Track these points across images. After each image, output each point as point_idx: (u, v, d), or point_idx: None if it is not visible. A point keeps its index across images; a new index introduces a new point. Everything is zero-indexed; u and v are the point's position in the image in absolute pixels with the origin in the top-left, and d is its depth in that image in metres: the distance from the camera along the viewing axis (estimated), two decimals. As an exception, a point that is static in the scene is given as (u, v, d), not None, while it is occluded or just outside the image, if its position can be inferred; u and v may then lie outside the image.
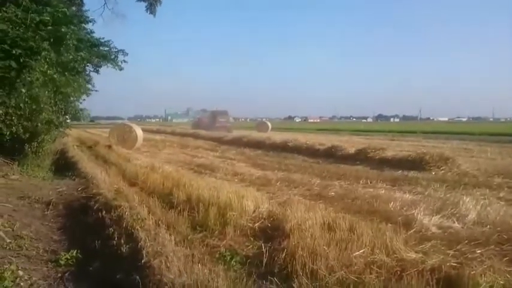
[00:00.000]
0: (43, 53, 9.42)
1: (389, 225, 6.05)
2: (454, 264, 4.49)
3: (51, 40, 10.38)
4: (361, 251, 4.69)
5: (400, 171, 13.01)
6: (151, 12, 19.94)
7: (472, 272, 4.12)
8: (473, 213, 7.01)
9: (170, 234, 5.44)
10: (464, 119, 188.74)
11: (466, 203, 7.56)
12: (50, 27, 10.05)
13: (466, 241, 5.48)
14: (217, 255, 5.05)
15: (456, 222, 6.61)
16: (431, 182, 10.87)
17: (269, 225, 6.08)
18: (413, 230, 6.00)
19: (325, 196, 9.28)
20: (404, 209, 7.47)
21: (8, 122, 10.36)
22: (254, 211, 6.55)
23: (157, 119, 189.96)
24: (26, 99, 10.00)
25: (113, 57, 16.70)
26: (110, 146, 20.46)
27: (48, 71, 10.68)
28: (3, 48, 8.42)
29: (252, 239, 5.70)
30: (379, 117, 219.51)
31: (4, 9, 9.16)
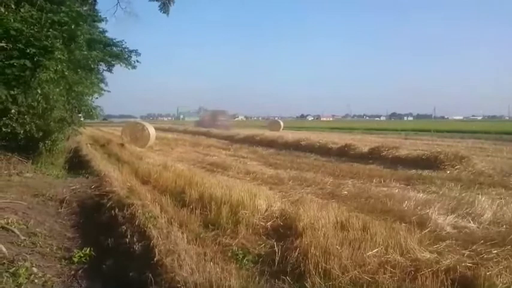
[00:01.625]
0: (56, 52, 9.52)
1: (403, 224, 6.01)
2: (469, 264, 4.45)
3: (65, 39, 10.49)
4: (375, 250, 4.66)
5: (414, 170, 12.91)
6: (164, 12, 20.01)
7: (488, 273, 4.07)
8: (489, 213, 6.94)
9: (182, 233, 5.46)
10: (479, 118, 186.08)
11: (481, 202, 7.48)
12: (64, 27, 10.16)
13: (482, 241, 5.42)
14: (229, 254, 5.05)
15: (471, 222, 6.55)
16: (445, 181, 10.77)
17: (281, 224, 6.07)
18: (428, 229, 5.94)
19: (338, 195, 9.24)
20: (419, 208, 7.42)
21: (21, 121, 10.49)
22: (266, 210, 6.54)
23: (170, 118, 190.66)
24: (39, 98, 10.11)
25: (126, 56, 16.87)
26: (122, 145, 20.61)
27: (60, 67, 10.79)
28: (18, 47, 8.52)
29: (264, 237, 5.69)
30: (393, 116, 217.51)
31: (19, 8, 9.28)
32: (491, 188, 9.95)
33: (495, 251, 4.96)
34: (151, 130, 24.83)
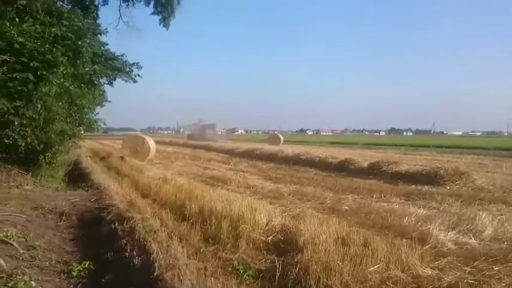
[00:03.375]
0: (61, 68, 9.60)
1: (404, 240, 5.97)
2: (471, 281, 4.42)
3: (70, 54, 10.57)
4: (376, 266, 4.63)
5: (414, 186, 12.90)
6: (164, 26, 20.23)
7: (490, 290, 4.03)
8: (490, 229, 6.91)
9: (183, 247, 5.42)
10: (478, 133, 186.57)
11: (482, 218, 7.45)
12: (67, 41, 10.24)
13: (483, 258, 5.39)
14: (230, 269, 5.02)
15: (473, 238, 6.52)
16: (446, 197, 10.76)
17: (282, 238, 6.04)
18: (429, 245, 5.91)
19: (339, 210, 9.22)
20: (419, 224, 7.40)
21: (22, 133, 10.50)
22: (267, 224, 6.52)
23: (170, 131, 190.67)
24: (40, 111, 10.13)
25: (127, 70, 16.92)
26: (122, 158, 20.60)
27: (65, 83, 10.85)
28: (22, 61, 8.57)
29: (265, 252, 5.66)
30: (392, 131, 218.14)
31: (23, 22, 9.37)
32: (491, 204, 9.93)
33: (497, 268, 4.94)
34: (151, 143, 24.84)
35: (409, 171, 15.32)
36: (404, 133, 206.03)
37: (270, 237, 6.13)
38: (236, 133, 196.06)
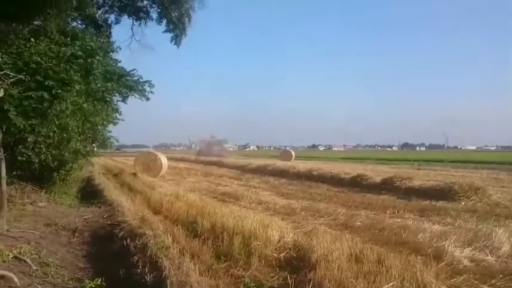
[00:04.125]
0: (76, 86, 9.79)
1: (419, 257, 5.88)
2: (489, 299, 4.31)
3: (83, 72, 10.76)
4: (391, 284, 4.55)
5: (428, 201, 12.77)
6: (175, 44, 20.54)
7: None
8: (507, 246, 6.77)
9: (194, 264, 5.40)
10: (492, 148, 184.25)
11: (499, 234, 7.30)
12: (80, 60, 10.44)
13: (501, 275, 5.30)
14: (242, 286, 4.97)
15: (489, 255, 6.39)
16: (461, 213, 10.61)
17: (294, 255, 5.99)
18: (444, 262, 5.82)
19: (352, 226, 9.14)
20: (434, 240, 7.29)
21: (37, 150, 10.63)
22: (279, 241, 6.47)
23: (182, 147, 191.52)
24: (55, 129, 10.27)
25: (140, 88, 17.09)
26: (135, 174, 20.71)
27: (78, 100, 11.01)
28: (37, 80, 8.71)
29: (277, 269, 5.61)
30: (405, 146, 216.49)
31: (38, 42, 9.57)
32: (508, 219, 9.75)
33: (515, 286, 4.83)
34: (163, 160, 24.97)
35: (423, 186, 15.17)
36: (417, 148, 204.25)
37: (283, 253, 6.09)
38: (248, 149, 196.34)
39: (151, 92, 17.58)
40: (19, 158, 10.20)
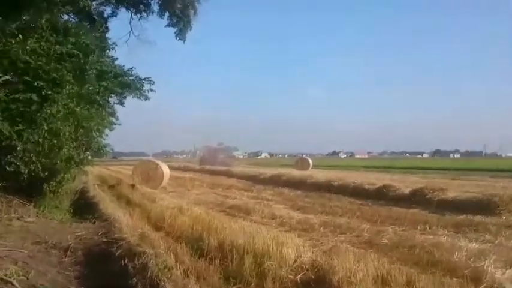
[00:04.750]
0: (67, 87, 9.84)
1: (455, 279, 5.84)
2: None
3: (77, 72, 10.85)
4: (423, 310, 4.51)
5: (463, 216, 12.64)
6: (180, 39, 20.57)
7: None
8: (555, 267, 6.67)
9: (200, 286, 5.40)
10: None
11: (546, 253, 7.21)
12: (73, 59, 10.53)
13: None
14: (253, 312, 4.95)
15: (535, 277, 6.30)
16: (501, 229, 10.51)
17: (313, 277, 5.94)
18: (484, 285, 5.78)
19: (377, 244, 9.09)
20: (471, 260, 7.25)
21: (26, 159, 10.69)
22: (295, 260, 6.43)
23: (185, 155, 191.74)
24: (45, 135, 10.31)
25: (138, 86, 17.06)
26: (133, 185, 20.80)
27: (70, 104, 11.08)
28: (26, 80, 8.80)
29: (293, 293, 5.58)
30: (437, 153, 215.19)
31: (27, 40, 9.68)
32: (556, 236, 9.63)
33: None
34: (165, 169, 25.07)
35: (458, 198, 15.05)
36: (451, 155, 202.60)
37: (299, 275, 6.04)
38: (260, 157, 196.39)
39: (152, 90, 17.53)
40: (7, 168, 10.26)
